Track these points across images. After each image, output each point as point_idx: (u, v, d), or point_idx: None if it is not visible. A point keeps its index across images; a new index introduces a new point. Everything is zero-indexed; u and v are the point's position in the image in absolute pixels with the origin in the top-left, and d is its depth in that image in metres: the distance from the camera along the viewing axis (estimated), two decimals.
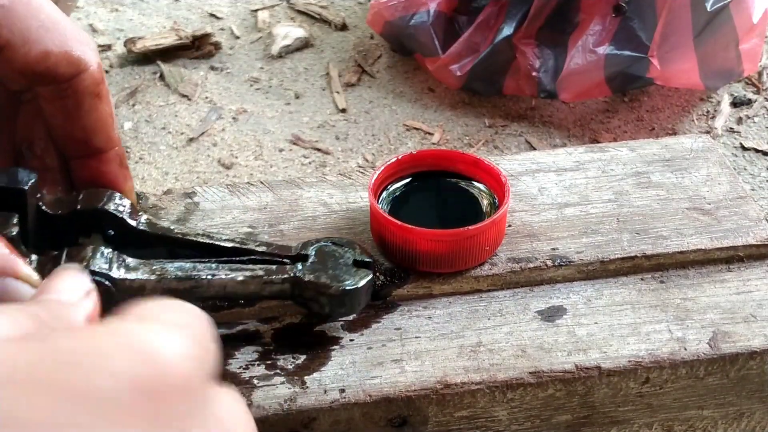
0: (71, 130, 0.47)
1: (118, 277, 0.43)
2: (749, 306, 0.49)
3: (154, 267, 0.45)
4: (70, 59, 0.45)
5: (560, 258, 0.51)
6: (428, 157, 0.55)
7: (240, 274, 0.45)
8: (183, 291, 0.44)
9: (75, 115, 0.47)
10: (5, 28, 0.43)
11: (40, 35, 0.44)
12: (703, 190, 0.56)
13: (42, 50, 0.44)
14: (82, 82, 0.46)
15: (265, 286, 0.45)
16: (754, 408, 0.50)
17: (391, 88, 1.45)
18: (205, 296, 0.45)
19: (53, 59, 0.44)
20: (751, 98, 1.43)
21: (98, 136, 0.48)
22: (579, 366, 0.46)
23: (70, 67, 0.45)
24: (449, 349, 0.47)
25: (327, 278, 0.45)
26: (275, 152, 1.32)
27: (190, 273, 0.44)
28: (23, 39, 0.44)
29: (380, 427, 0.45)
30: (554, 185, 0.57)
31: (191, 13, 1.64)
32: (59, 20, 0.45)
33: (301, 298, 0.45)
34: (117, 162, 0.49)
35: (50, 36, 0.44)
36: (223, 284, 0.45)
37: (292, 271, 0.45)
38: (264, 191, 0.57)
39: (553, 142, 1.34)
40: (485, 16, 1.37)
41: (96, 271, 0.43)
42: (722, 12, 1.31)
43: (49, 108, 0.47)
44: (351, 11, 1.63)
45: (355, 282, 0.45)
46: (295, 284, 0.45)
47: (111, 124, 0.48)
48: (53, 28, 0.45)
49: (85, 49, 0.46)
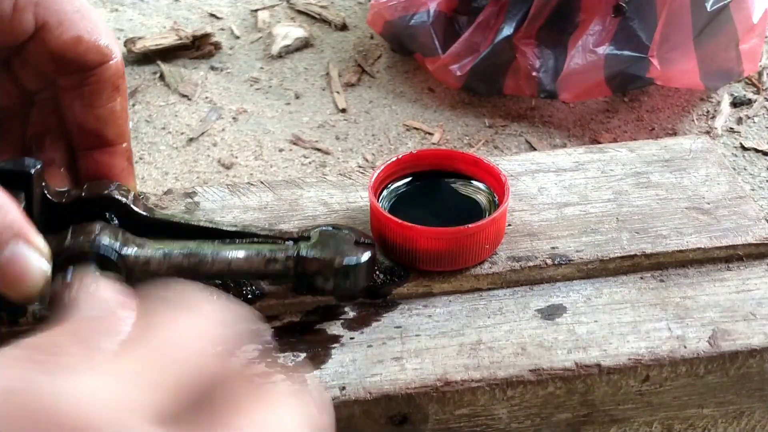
0: (86, 120, 0.48)
1: (124, 253, 0.44)
2: (749, 304, 0.49)
3: (159, 244, 0.45)
4: (99, 47, 0.46)
5: (560, 257, 0.51)
6: (428, 156, 0.55)
7: (243, 251, 0.45)
8: (188, 267, 0.45)
9: (93, 104, 0.48)
10: (43, 9, 0.45)
11: (74, 20, 0.46)
12: (702, 190, 0.56)
13: (75, 35, 0.46)
14: (106, 71, 0.47)
15: (269, 264, 0.45)
16: (754, 406, 0.50)
17: (391, 88, 1.45)
18: (210, 273, 0.45)
19: (84, 45, 0.46)
20: (751, 98, 1.43)
21: (111, 128, 0.49)
22: (579, 364, 0.46)
23: (98, 55, 0.47)
24: (449, 347, 0.47)
25: (330, 254, 0.46)
26: (275, 152, 1.32)
27: (195, 250, 0.45)
28: (58, 21, 0.45)
29: (380, 424, 0.45)
30: (554, 185, 0.57)
31: (191, 13, 1.64)
32: (91, 10, 0.47)
33: (304, 274, 0.46)
34: (125, 157, 0.50)
35: (84, 23, 0.46)
36: (228, 261, 0.45)
37: (295, 250, 0.46)
38: (264, 191, 0.57)
39: (553, 142, 1.34)
40: (485, 16, 1.37)
41: (103, 244, 0.43)
42: (722, 12, 1.31)
43: (67, 98, 0.48)
44: (351, 11, 1.63)
45: (358, 257, 0.46)
46: (299, 261, 0.45)
47: (124, 119, 0.49)
48: (86, 15, 0.46)
49: (111, 41, 0.47)
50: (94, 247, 0.43)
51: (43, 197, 0.46)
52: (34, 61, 0.47)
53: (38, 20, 0.45)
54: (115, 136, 0.49)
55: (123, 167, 0.49)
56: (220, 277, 0.46)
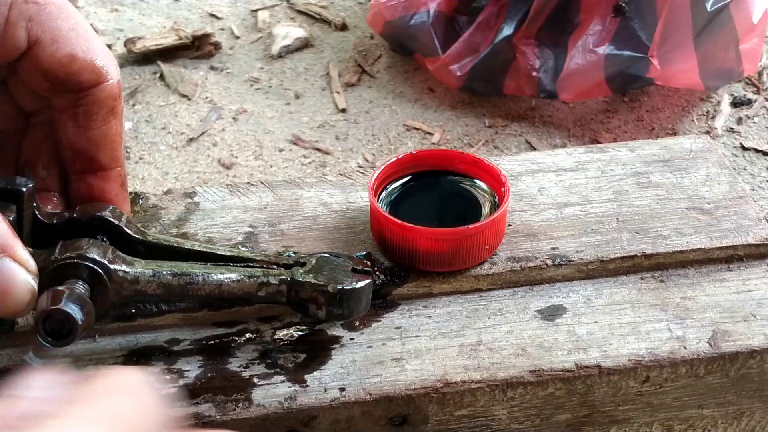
0: (79, 142, 0.47)
1: (113, 268, 0.43)
2: (749, 305, 0.49)
3: (150, 264, 0.44)
4: (94, 68, 0.45)
5: (560, 257, 0.51)
6: (428, 156, 0.55)
7: (235, 273, 0.44)
8: (177, 287, 0.44)
9: (86, 126, 0.47)
10: (37, 25, 0.43)
11: (69, 38, 0.44)
12: (702, 190, 0.56)
13: (69, 53, 0.44)
14: (100, 93, 0.46)
15: (261, 287, 0.44)
16: (754, 407, 0.50)
17: (391, 88, 1.45)
18: (200, 295, 0.44)
19: (78, 64, 0.45)
20: (751, 98, 1.43)
21: (104, 152, 0.47)
22: (579, 365, 0.46)
23: (93, 75, 0.45)
24: (449, 348, 0.47)
25: (324, 279, 0.45)
26: (275, 152, 1.32)
27: (186, 270, 0.44)
28: (52, 38, 0.44)
29: (380, 425, 0.45)
30: (554, 185, 0.57)
31: (191, 13, 1.64)
32: (88, 29, 0.46)
33: (298, 299, 0.45)
34: (118, 183, 0.48)
35: (78, 41, 0.45)
36: (219, 282, 0.44)
37: (289, 274, 0.45)
38: (264, 191, 0.57)
39: (553, 142, 1.34)
40: (485, 16, 1.37)
41: (91, 258, 0.42)
42: (722, 12, 1.31)
43: (61, 118, 0.47)
44: (351, 11, 1.63)
45: (353, 284, 0.45)
46: (292, 285, 0.44)
47: (118, 143, 0.48)
48: (82, 34, 0.45)
49: (108, 62, 0.46)
50: (82, 260, 0.42)
51: (34, 217, 0.45)
52: (28, 80, 0.46)
53: (31, 37, 0.44)
54: (108, 160, 0.48)
55: (116, 192, 0.48)
56: (210, 299, 0.45)
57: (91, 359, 0.46)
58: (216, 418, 0.43)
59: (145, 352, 0.47)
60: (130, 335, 0.48)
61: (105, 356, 0.47)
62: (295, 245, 0.52)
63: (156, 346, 0.47)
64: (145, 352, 0.47)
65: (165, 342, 0.47)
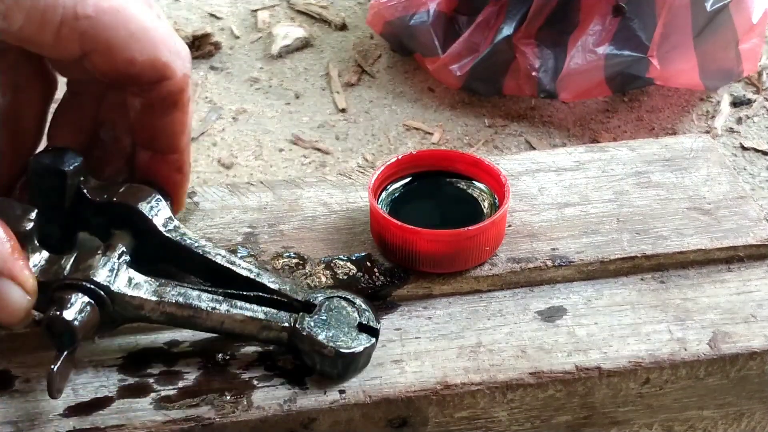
0: (140, 122, 0.48)
1: (118, 291, 0.44)
2: (749, 306, 0.49)
3: (157, 288, 0.45)
4: (156, 66, 0.45)
5: (560, 258, 0.51)
6: (428, 157, 0.55)
7: (240, 313, 0.45)
8: (180, 318, 0.45)
9: (147, 114, 0.47)
10: (90, 38, 0.43)
11: (127, 45, 0.44)
12: (703, 190, 0.56)
13: (127, 58, 0.44)
14: (162, 89, 0.46)
15: (263, 330, 0.45)
16: (754, 408, 0.50)
17: (391, 88, 1.45)
18: (201, 327, 0.45)
19: (138, 67, 0.45)
20: (750, 98, 1.43)
21: (161, 139, 0.48)
22: (579, 366, 0.46)
23: (155, 73, 0.45)
24: (449, 350, 0.47)
25: (325, 337, 0.44)
26: (275, 152, 1.32)
27: (191, 301, 0.45)
28: (108, 47, 0.44)
29: (380, 427, 0.45)
30: (554, 185, 0.57)
31: (191, 13, 1.64)
32: (153, 28, 0.45)
33: (296, 349, 0.45)
34: (174, 167, 0.49)
35: (138, 45, 0.44)
36: (221, 320, 0.45)
37: (293, 321, 0.45)
38: (264, 191, 0.56)
39: (553, 142, 1.34)
40: (485, 16, 1.37)
41: (96, 281, 0.43)
42: (722, 12, 1.31)
43: (129, 97, 0.48)
44: (351, 11, 1.63)
45: (352, 347, 0.44)
46: (293, 334, 0.45)
47: (180, 132, 0.48)
48: (143, 37, 0.44)
49: (174, 58, 0.46)
50: (87, 282, 0.43)
51: (77, 192, 0.47)
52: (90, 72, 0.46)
53: (85, 49, 0.43)
54: (164, 146, 0.49)
55: (170, 176, 0.49)
56: (211, 332, 0.46)
57: (90, 360, 0.46)
58: (215, 420, 0.43)
59: (144, 353, 0.47)
60: (130, 336, 0.48)
61: (105, 357, 0.47)
62: (295, 246, 0.52)
63: (155, 348, 0.47)
64: (144, 354, 0.47)
65: (164, 343, 0.47)
